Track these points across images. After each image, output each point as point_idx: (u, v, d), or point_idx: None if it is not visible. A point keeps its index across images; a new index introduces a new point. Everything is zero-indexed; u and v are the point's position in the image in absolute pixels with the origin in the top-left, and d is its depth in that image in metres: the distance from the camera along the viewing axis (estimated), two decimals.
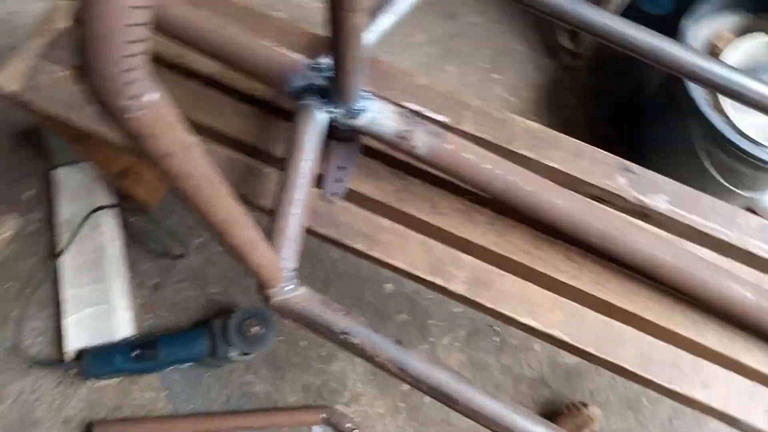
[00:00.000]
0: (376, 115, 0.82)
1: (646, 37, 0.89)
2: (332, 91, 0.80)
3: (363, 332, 0.72)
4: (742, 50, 1.29)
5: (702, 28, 1.33)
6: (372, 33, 0.86)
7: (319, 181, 0.90)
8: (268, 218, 0.79)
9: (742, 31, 1.33)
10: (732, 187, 1.31)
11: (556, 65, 1.70)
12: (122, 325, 1.32)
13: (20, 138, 1.49)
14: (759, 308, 0.82)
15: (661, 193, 0.93)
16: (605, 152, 0.95)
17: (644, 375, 0.84)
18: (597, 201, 0.94)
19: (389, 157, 0.92)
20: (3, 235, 1.38)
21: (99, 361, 1.26)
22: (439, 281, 0.86)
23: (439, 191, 0.91)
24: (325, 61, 0.82)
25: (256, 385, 1.34)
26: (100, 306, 1.31)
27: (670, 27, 1.35)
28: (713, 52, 1.29)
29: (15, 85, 0.94)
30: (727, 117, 1.23)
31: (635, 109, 1.61)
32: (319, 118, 0.81)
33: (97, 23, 0.33)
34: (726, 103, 1.24)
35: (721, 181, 1.30)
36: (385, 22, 0.87)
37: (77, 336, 1.31)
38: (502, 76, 1.67)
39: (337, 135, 0.88)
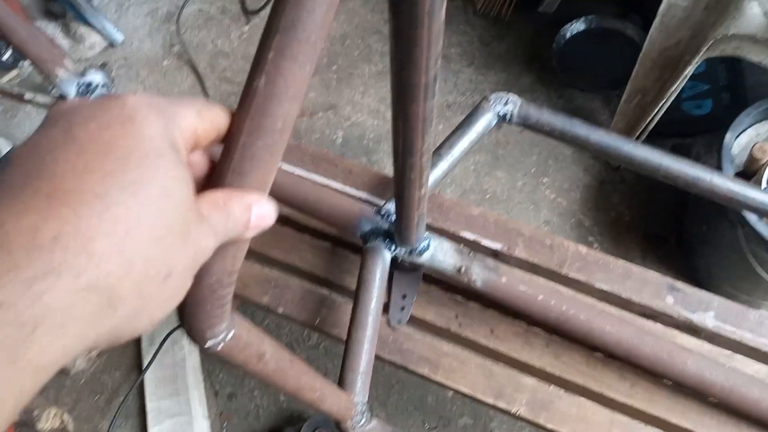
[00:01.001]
0: (436, 252, 0.91)
1: (684, 168, 0.96)
2: (396, 234, 0.89)
3: None
4: None
5: (744, 138, 1.40)
6: (431, 180, 0.96)
7: (383, 308, 0.99)
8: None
9: None
10: None
11: (602, 165, 1.77)
12: None
13: None
14: None
15: (708, 309, 0.98)
16: (652, 272, 1.01)
17: None
18: (647, 319, 0.99)
19: (448, 284, 1.00)
20: (91, 353, 1.50)
21: None
22: (501, 405, 0.92)
23: (496, 315, 0.98)
24: (389, 206, 0.92)
25: None
26: (181, 417, 1.41)
27: (710, 125, 1.42)
28: (754, 164, 1.35)
29: None
30: None
31: (684, 207, 1.67)
32: (384, 257, 0.91)
33: (198, 287, 0.41)
34: None
35: (765, 278, 1.34)
36: (441, 167, 0.97)
37: None
38: (550, 179, 1.75)
39: (400, 267, 0.98)
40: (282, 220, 1.07)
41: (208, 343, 0.44)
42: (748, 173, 1.38)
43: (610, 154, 0.98)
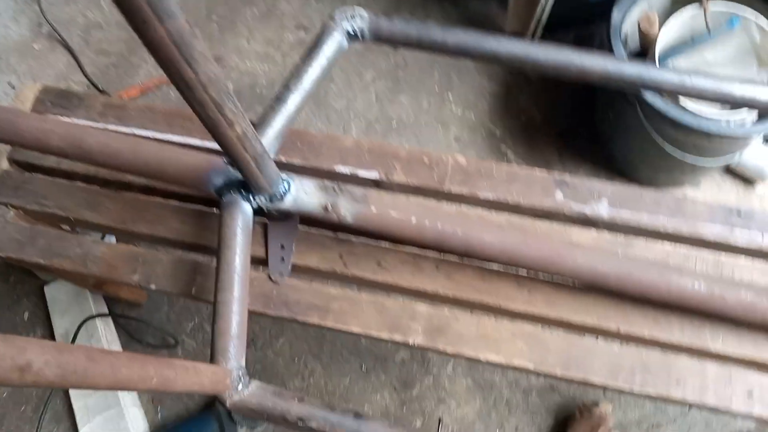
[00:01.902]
0: (299, 194, 0.84)
1: (551, 55, 0.90)
2: (249, 182, 0.82)
3: (318, 415, 0.74)
4: (677, 25, 1.29)
5: (634, 13, 1.33)
6: (282, 117, 0.88)
7: (263, 261, 0.93)
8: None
9: (676, 4, 1.32)
10: (691, 159, 1.31)
11: (507, 70, 1.70)
12: (135, 422, 1.35)
13: (6, 263, 1.55)
14: (712, 296, 0.81)
15: (601, 198, 0.93)
16: (539, 170, 0.95)
17: (615, 385, 0.84)
18: (541, 220, 0.94)
19: (328, 223, 0.94)
20: None
21: None
22: (397, 338, 0.87)
23: (382, 247, 0.92)
24: None
25: None
26: (110, 411, 1.35)
27: (610, 8, 1.34)
28: (647, 37, 1.28)
29: None
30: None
31: (587, 101, 1.61)
32: (244, 209, 0.84)
33: None
34: None
35: (676, 155, 1.30)
36: (293, 101, 0.89)
37: None
38: (455, 93, 1.68)
39: (271, 216, 0.91)
40: (143, 189, 0.99)
41: None
42: (646, 51, 1.32)
43: (471, 53, 0.91)
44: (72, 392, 1.38)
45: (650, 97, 1.20)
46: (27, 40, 1.85)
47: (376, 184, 0.96)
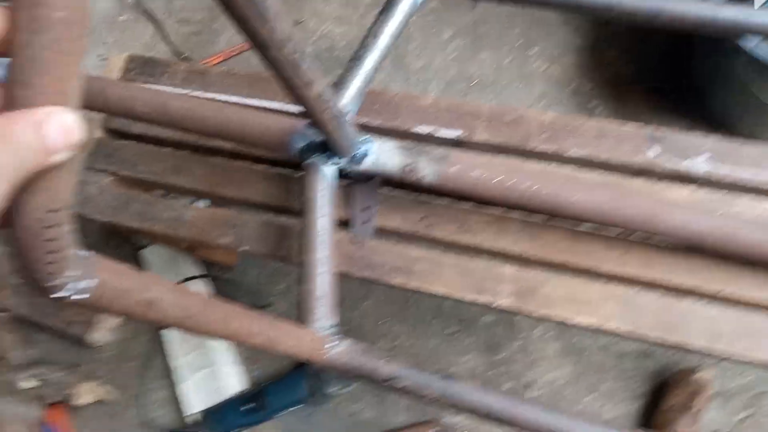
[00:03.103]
0: (379, 155, 0.83)
1: (639, 0, 0.84)
2: (330, 144, 0.81)
3: (407, 374, 0.74)
4: None
5: None
6: (360, 77, 0.87)
7: (347, 223, 0.93)
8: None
9: None
10: None
11: (592, 22, 1.62)
12: (233, 380, 1.41)
13: (106, 228, 1.62)
14: None
15: (700, 153, 0.87)
16: (630, 124, 0.90)
17: (715, 350, 0.80)
18: (633, 177, 0.90)
19: (411, 185, 0.92)
20: (113, 322, 1.50)
21: (215, 422, 1.35)
22: (483, 300, 0.86)
23: (465, 208, 0.90)
24: None
25: (363, 413, 1.39)
26: (209, 368, 1.41)
27: None
28: None
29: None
30: None
31: (681, 52, 1.51)
32: (326, 172, 0.84)
33: (18, 231, 0.36)
34: None
35: None
36: (371, 60, 0.88)
37: (194, 400, 1.41)
38: (539, 48, 1.61)
39: (353, 178, 0.91)
40: (231, 154, 1.01)
41: (57, 294, 0.39)
42: None
43: (551, 1, 0.86)
44: (170, 351, 1.45)
45: (750, 45, 1.11)
46: (114, 13, 1.91)
47: (458, 143, 0.94)
